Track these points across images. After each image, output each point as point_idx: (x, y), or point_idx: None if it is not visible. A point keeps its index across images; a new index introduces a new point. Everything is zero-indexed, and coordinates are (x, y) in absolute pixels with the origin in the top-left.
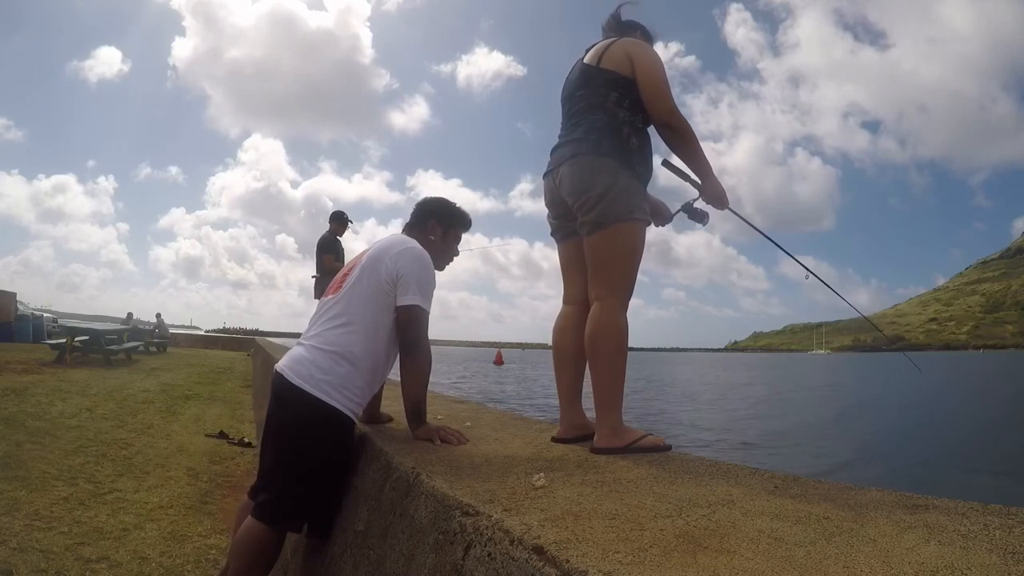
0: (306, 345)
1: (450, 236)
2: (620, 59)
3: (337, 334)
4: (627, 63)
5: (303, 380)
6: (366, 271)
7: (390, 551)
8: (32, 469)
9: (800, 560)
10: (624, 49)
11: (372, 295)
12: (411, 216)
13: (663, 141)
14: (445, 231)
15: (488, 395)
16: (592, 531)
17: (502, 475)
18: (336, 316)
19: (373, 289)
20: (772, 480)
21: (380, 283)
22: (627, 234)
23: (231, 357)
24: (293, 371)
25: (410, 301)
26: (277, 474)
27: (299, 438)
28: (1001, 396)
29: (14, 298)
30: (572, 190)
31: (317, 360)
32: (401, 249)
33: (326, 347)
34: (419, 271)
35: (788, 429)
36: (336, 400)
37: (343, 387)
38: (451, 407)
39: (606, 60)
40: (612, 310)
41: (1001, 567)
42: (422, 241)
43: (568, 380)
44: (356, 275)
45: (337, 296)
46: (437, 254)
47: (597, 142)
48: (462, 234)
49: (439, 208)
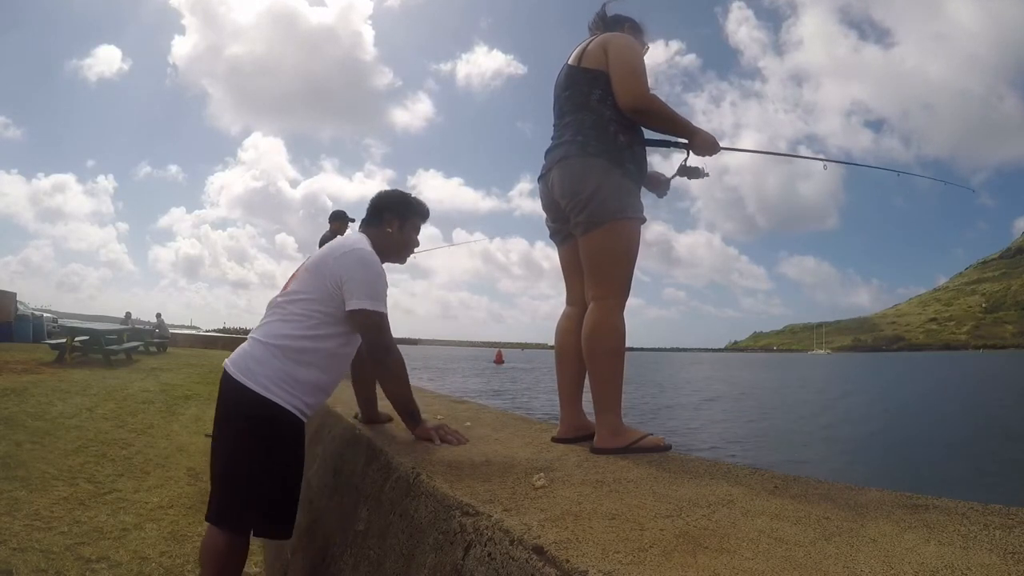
0: (250, 340)
1: (408, 227)
2: (598, 56)
3: (277, 327)
4: (603, 57)
5: (243, 374)
6: (311, 271)
7: (390, 551)
8: (32, 469)
9: (800, 560)
10: (601, 44)
11: (316, 295)
12: (366, 212)
13: (643, 128)
14: (402, 223)
15: (488, 394)
16: (592, 531)
17: (502, 475)
18: (278, 310)
19: (318, 289)
20: (772, 480)
21: (324, 284)
22: (620, 233)
23: None
24: (236, 365)
25: (357, 305)
26: (222, 475)
27: (239, 436)
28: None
29: (14, 298)
30: (563, 192)
31: (256, 353)
32: (343, 252)
33: (265, 339)
34: (362, 273)
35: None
36: (275, 395)
37: (283, 382)
38: (451, 407)
39: (586, 59)
40: (609, 311)
41: (1001, 567)
42: (380, 235)
43: (569, 380)
44: (301, 275)
45: (283, 293)
46: (396, 247)
47: (584, 143)
48: (420, 224)
49: (394, 201)
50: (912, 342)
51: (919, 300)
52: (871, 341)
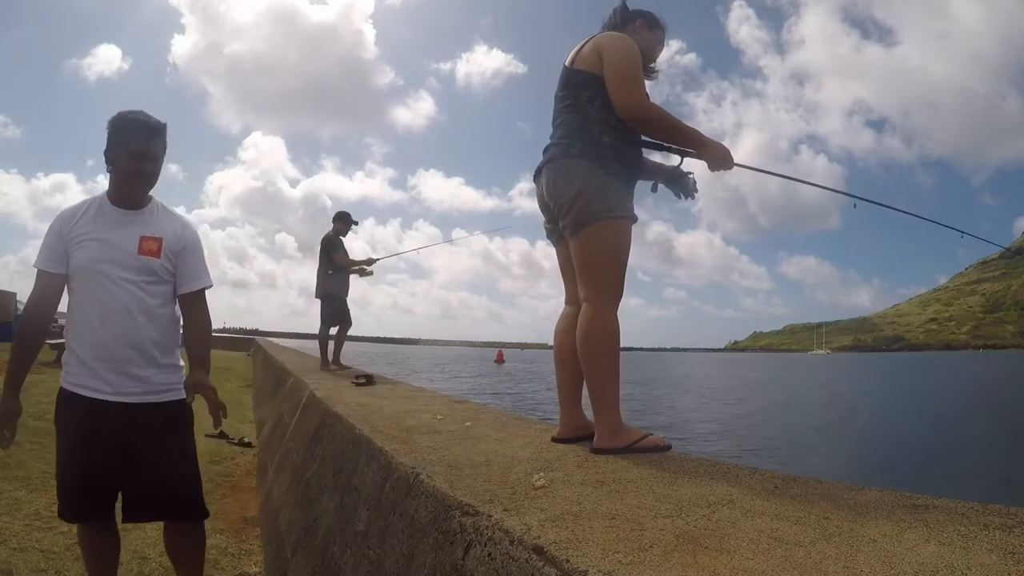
0: None
1: (119, 162)
2: (590, 57)
3: None
4: (597, 60)
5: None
6: None
7: (390, 551)
8: (32, 469)
9: (800, 560)
10: (595, 46)
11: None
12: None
13: (643, 136)
14: (114, 156)
15: (488, 394)
16: (592, 531)
17: (502, 475)
18: None
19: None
20: (772, 480)
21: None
22: (607, 233)
23: (231, 357)
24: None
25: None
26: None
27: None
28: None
29: (14, 298)
30: (550, 194)
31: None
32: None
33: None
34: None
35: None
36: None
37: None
38: (451, 407)
39: (579, 61)
40: (601, 311)
41: (1001, 567)
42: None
43: (568, 381)
44: None
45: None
46: (116, 183)
47: (568, 144)
48: (134, 150)
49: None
50: (912, 342)
51: (919, 300)
52: (871, 341)
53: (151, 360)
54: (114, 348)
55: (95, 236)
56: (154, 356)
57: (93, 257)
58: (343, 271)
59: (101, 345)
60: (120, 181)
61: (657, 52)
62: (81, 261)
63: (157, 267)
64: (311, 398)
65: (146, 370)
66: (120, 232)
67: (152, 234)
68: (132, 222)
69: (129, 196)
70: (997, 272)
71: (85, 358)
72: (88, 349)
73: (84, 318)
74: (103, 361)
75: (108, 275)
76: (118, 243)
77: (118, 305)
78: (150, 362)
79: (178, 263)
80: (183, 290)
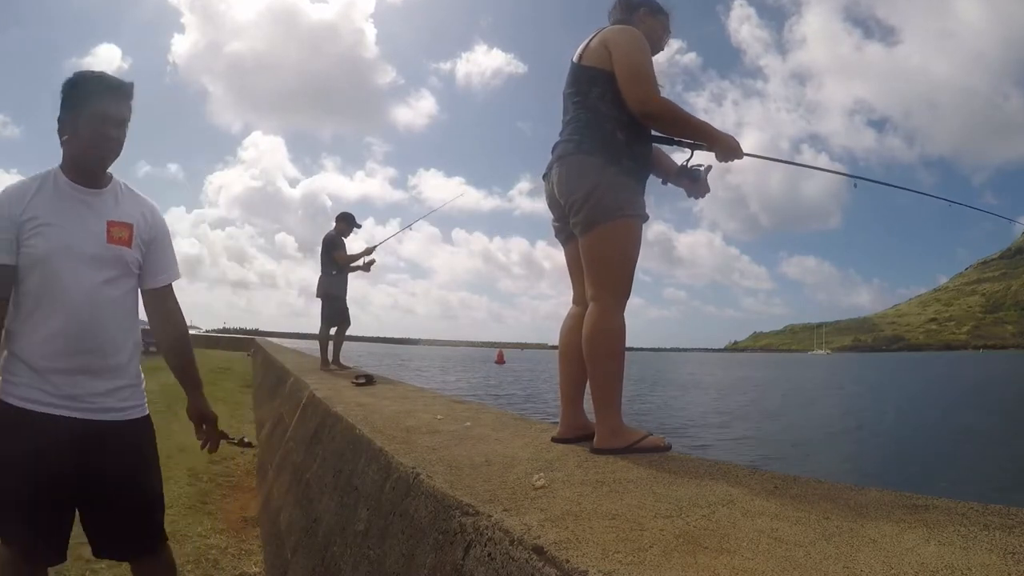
0: None
1: (82, 123)
2: (599, 52)
3: None
4: (605, 55)
5: None
6: None
7: (390, 551)
8: None
9: (800, 560)
10: (603, 40)
11: None
12: None
13: (655, 132)
14: (75, 118)
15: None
16: (592, 531)
17: (502, 475)
18: None
19: None
20: (772, 480)
21: None
22: (619, 232)
23: (231, 357)
24: None
25: None
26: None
27: None
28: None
29: None
30: (561, 191)
31: None
32: None
33: None
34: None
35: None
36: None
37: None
38: (451, 407)
39: (587, 56)
40: (608, 311)
41: (1001, 567)
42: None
43: (571, 380)
44: None
45: None
46: (73, 151)
47: (580, 141)
48: (101, 113)
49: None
50: (912, 342)
51: (919, 300)
52: (871, 341)
53: (117, 369)
54: (75, 355)
55: (53, 221)
56: (120, 363)
57: (53, 247)
58: (345, 271)
59: (59, 351)
60: (81, 151)
61: (665, 40)
62: (39, 251)
63: (129, 258)
64: (311, 398)
65: (112, 381)
66: (83, 216)
67: (119, 219)
68: (95, 204)
69: (92, 170)
70: (997, 272)
71: (38, 366)
72: (43, 356)
73: (41, 318)
74: (59, 372)
75: (71, 268)
76: (82, 230)
77: (83, 303)
78: (116, 371)
79: (147, 253)
80: (152, 284)
